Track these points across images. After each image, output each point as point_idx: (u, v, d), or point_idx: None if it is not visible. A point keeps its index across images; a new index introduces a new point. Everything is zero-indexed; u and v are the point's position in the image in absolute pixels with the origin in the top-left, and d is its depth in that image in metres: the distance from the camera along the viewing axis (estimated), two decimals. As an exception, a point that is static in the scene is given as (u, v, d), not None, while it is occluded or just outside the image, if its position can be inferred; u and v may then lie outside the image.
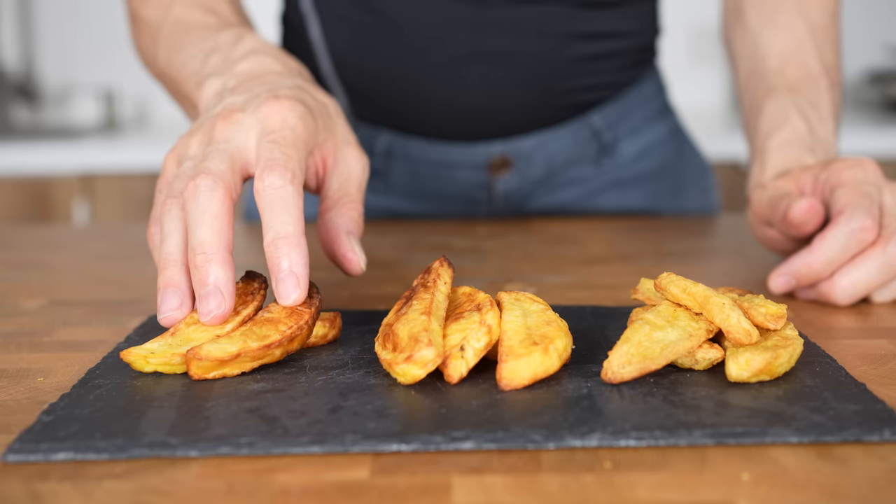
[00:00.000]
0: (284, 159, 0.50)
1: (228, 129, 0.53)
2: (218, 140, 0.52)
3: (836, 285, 0.57)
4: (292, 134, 0.52)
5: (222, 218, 0.48)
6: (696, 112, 2.15)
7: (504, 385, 0.41)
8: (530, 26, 0.83)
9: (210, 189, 0.48)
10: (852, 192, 0.58)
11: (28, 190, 1.91)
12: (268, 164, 0.49)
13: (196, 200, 0.48)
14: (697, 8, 2.33)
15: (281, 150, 0.50)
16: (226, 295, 0.46)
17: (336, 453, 0.36)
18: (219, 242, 0.47)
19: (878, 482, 0.33)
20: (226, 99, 0.57)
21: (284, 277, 0.47)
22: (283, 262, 0.47)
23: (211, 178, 0.49)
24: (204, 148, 0.53)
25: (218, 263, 0.46)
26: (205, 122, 0.54)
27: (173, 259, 0.48)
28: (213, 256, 0.46)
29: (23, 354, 0.50)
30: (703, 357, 0.43)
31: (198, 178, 0.48)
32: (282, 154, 0.50)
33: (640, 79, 0.93)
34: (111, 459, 0.36)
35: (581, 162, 0.91)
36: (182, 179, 0.51)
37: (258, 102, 0.54)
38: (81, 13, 2.37)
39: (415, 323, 0.43)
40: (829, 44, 0.76)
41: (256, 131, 0.52)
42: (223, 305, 0.45)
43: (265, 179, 0.49)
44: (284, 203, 0.48)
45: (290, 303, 0.46)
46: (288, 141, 0.51)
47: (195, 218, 0.47)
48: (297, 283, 0.46)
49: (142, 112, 2.40)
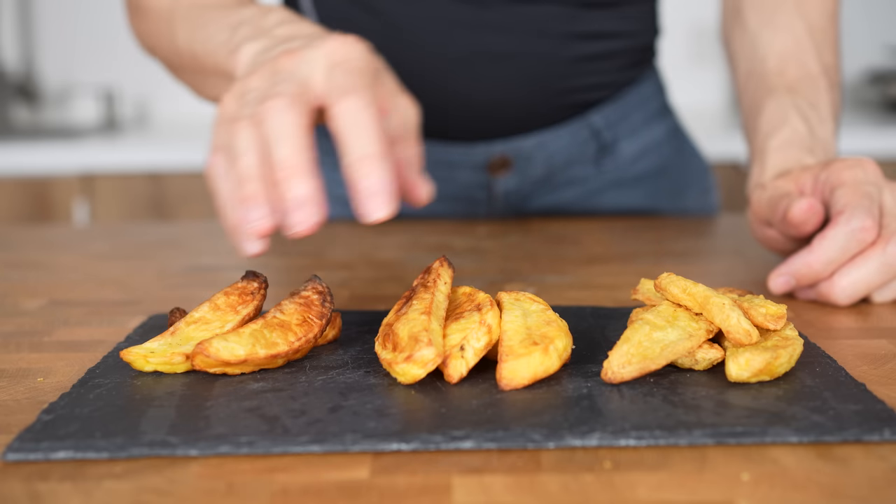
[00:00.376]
0: (361, 85, 0.50)
1: (293, 62, 0.52)
2: (283, 72, 0.52)
3: (835, 285, 0.57)
4: (362, 65, 0.52)
5: (303, 134, 0.48)
6: (696, 112, 2.15)
7: (504, 385, 0.41)
8: (530, 26, 0.83)
9: (288, 107, 0.48)
10: (852, 193, 0.58)
11: (28, 190, 1.91)
12: (344, 89, 0.49)
13: (275, 119, 0.48)
14: (697, 8, 2.33)
15: (355, 78, 0.50)
16: (313, 209, 0.46)
17: (336, 452, 0.36)
18: (303, 156, 0.47)
19: (878, 482, 0.33)
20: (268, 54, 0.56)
21: (370, 195, 0.46)
22: (368, 180, 0.46)
23: (287, 98, 0.49)
24: (268, 81, 0.52)
25: (306, 175, 0.46)
26: (264, 62, 0.54)
27: (252, 174, 0.47)
28: (299, 169, 0.46)
29: (23, 354, 0.50)
30: (703, 357, 0.43)
31: (274, 100, 0.48)
32: (358, 80, 0.50)
33: (640, 79, 0.93)
34: (111, 458, 0.36)
35: (581, 162, 0.91)
36: (250, 105, 0.51)
37: (321, 40, 0.53)
38: (81, 13, 2.37)
39: (415, 323, 0.43)
40: (829, 44, 0.76)
41: (322, 64, 0.52)
42: (315, 214, 0.45)
43: (342, 104, 0.49)
44: (365, 125, 0.48)
45: (377, 218, 0.46)
46: (359, 71, 0.51)
47: (276, 135, 0.47)
48: (385, 199, 0.46)
49: (142, 112, 2.40)
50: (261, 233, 0.46)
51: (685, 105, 1.88)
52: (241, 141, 0.49)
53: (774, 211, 0.62)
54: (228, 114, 0.52)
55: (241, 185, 0.47)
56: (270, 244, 0.82)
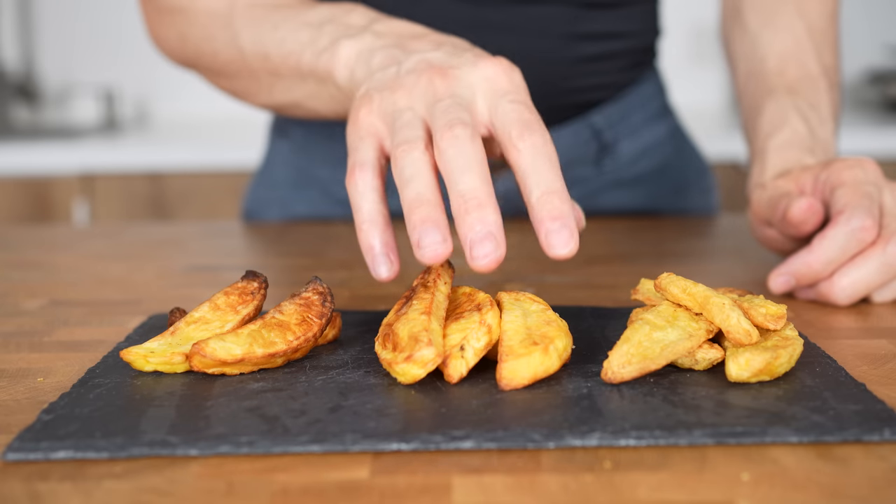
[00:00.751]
0: (538, 120, 0.50)
1: (452, 85, 0.51)
2: (444, 95, 0.51)
3: (835, 285, 0.57)
4: (527, 95, 0.52)
5: (486, 168, 0.47)
6: (696, 112, 2.15)
7: (504, 385, 0.41)
8: (532, 26, 0.83)
9: (471, 138, 0.48)
10: (852, 192, 0.58)
11: (28, 190, 1.91)
12: (525, 125, 0.49)
13: (459, 148, 0.47)
14: (697, 8, 2.33)
15: (530, 111, 0.50)
16: (500, 240, 0.45)
17: (336, 452, 0.36)
18: (489, 189, 0.46)
19: (878, 482, 0.33)
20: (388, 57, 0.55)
21: (557, 229, 0.46)
22: (552, 216, 0.46)
23: (470, 128, 0.48)
24: (425, 101, 0.51)
25: (492, 208, 0.46)
26: (405, 79, 0.53)
27: (427, 199, 0.47)
28: (487, 201, 0.46)
29: (23, 354, 0.50)
30: (703, 357, 0.43)
31: (455, 128, 0.48)
32: (532, 115, 0.50)
33: (641, 79, 0.93)
34: (111, 458, 0.36)
35: (581, 162, 0.91)
36: (411, 128, 0.50)
37: (471, 59, 0.53)
38: (81, 13, 2.37)
39: (415, 323, 0.43)
40: (828, 45, 0.76)
41: (483, 90, 0.52)
42: (499, 250, 0.45)
43: (527, 139, 0.48)
44: (551, 161, 0.48)
45: (564, 254, 0.46)
46: (529, 102, 0.51)
47: (460, 165, 0.47)
48: (570, 234, 0.46)
49: (142, 112, 2.40)
50: (437, 258, 0.45)
51: (685, 105, 1.88)
52: (409, 166, 0.48)
53: (774, 210, 0.62)
54: (374, 129, 0.52)
55: (415, 208, 0.47)
56: (274, 245, 0.82)
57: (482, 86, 0.52)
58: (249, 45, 0.68)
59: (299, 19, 0.64)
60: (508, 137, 0.49)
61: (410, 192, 0.47)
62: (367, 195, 0.51)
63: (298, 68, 0.64)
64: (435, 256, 0.45)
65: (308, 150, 0.93)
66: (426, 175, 0.48)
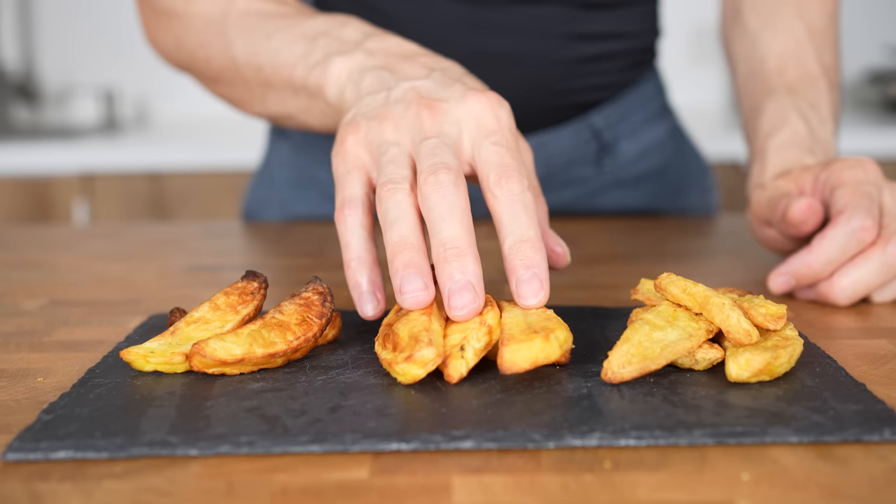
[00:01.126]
0: (518, 165, 0.50)
1: (439, 121, 0.52)
2: (431, 133, 0.51)
3: (835, 285, 0.57)
4: (513, 136, 0.52)
5: (468, 215, 0.47)
6: (696, 112, 2.15)
7: (505, 369, 0.40)
8: (531, 27, 0.83)
9: (454, 185, 0.48)
10: (852, 192, 0.58)
11: (28, 190, 1.91)
12: (504, 170, 0.49)
13: (442, 195, 0.47)
14: (697, 8, 2.33)
15: (511, 155, 0.50)
16: (478, 290, 0.45)
17: (336, 452, 0.36)
18: (470, 238, 0.47)
19: (878, 482, 0.33)
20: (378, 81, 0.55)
21: (528, 279, 0.46)
22: (525, 265, 0.46)
23: (453, 174, 0.48)
24: (411, 136, 0.52)
25: (472, 258, 0.46)
26: (394, 108, 0.53)
27: (410, 243, 0.47)
28: (467, 251, 0.46)
29: (23, 354, 0.50)
30: (703, 357, 0.43)
31: (440, 173, 0.48)
32: (514, 160, 0.50)
33: (641, 79, 0.93)
34: (111, 458, 0.36)
35: (581, 162, 0.91)
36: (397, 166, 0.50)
37: (460, 93, 0.52)
38: (81, 13, 2.37)
39: (415, 323, 0.43)
40: (829, 46, 0.76)
41: (470, 128, 0.52)
42: (477, 301, 0.45)
43: (503, 186, 0.48)
44: (525, 208, 0.48)
45: (533, 304, 0.46)
46: (512, 145, 0.51)
47: (442, 212, 0.47)
48: (541, 284, 0.46)
49: (142, 112, 2.40)
50: (418, 305, 0.45)
51: (685, 105, 1.88)
52: (393, 207, 0.48)
53: (774, 211, 0.62)
54: (360, 161, 0.53)
55: (397, 252, 0.47)
56: (274, 245, 0.82)
57: (469, 123, 0.52)
58: (242, 55, 0.68)
59: (294, 30, 0.64)
60: (487, 181, 0.49)
61: (394, 236, 0.48)
62: (356, 232, 0.51)
63: (291, 81, 0.64)
64: (416, 303, 0.45)
65: (308, 151, 0.93)
66: (410, 218, 0.48)
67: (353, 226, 0.51)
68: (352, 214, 0.51)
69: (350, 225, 0.51)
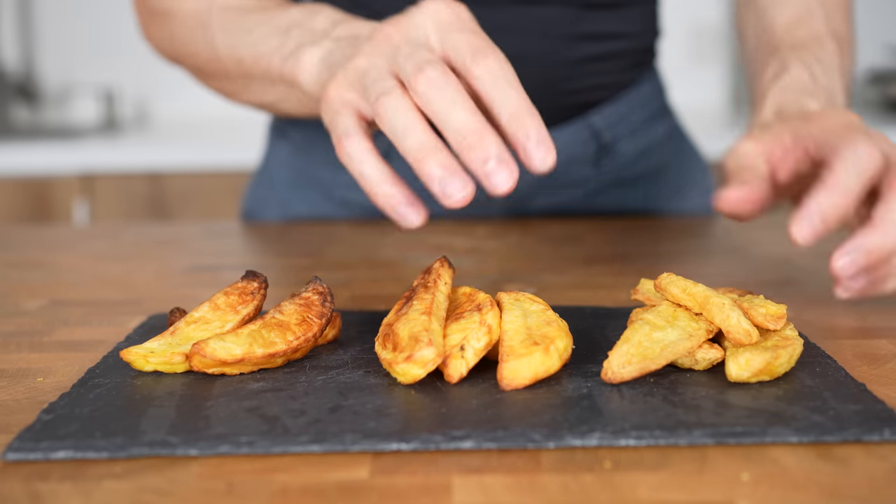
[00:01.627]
0: (489, 44, 0.50)
1: (404, 30, 0.52)
2: (400, 42, 0.52)
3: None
4: (475, 25, 0.52)
5: (469, 98, 0.48)
6: (696, 112, 2.15)
7: (505, 385, 0.41)
8: (532, 27, 0.83)
9: (444, 74, 0.48)
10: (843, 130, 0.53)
11: (28, 190, 1.91)
12: (478, 49, 0.50)
13: (437, 87, 0.48)
14: (697, 8, 2.33)
15: (480, 37, 0.51)
16: (510, 163, 0.46)
17: (336, 452, 0.36)
18: (480, 118, 0.47)
19: (878, 482, 0.33)
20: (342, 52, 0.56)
21: (535, 145, 0.48)
22: (529, 132, 0.48)
23: (439, 65, 0.49)
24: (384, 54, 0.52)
25: (491, 135, 0.47)
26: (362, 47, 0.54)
27: (431, 145, 0.48)
28: (484, 130, 0.47)
29: (23, 354, 0.50)
30: (703, 357, 0.43)
31: (426, 69, 0.49)
32: (484, 41, 0.51)
33: (641, 79, 0.93)
34: (111, 458, 0.36)
35: (581, 162, 0.91)
36: (383, 81, 0.51)
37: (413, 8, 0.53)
38: (81, 13, 2.37)
39: (415, 323, 0.43)
40: (841, 13, 0.74)
41: (433, 26, 0.52)
42: (514, 172, 0.46)
43: (482, 65, 0.49)
44: (510, 81, 0.49)
45: (545, 168, 0.47)
46: (478, 30, 0.52)
47: (445, 103, 0.48)
48: (548, 147, 0.48)
49: (142, 112, 2.40)
50: (467, 201, 0.47)
51: (685, 105, 1.88)
52: (400, 117, 0.49)
53: None
54: (345, 99, 0.53)
55: (423, 158, 0.47)
56: (274, 245, 0.82)
57: (431, 22, 0.52)
58: (224, 49, 0.69)
59: (271, 24, 0.65)
60: (464, 66, 0.50)
61: (412, 143, 0.48)
62: (365, 158, 0.51)
63: (268, 73, 0.65)
64: (464, 201, 0.47)
65: (307, 151, 0.93)
66: (418, 122, 0.49)
67: (359, 153, 0.51)
68: (352, 143, 0.51)
69: (356, 154, 0.51)
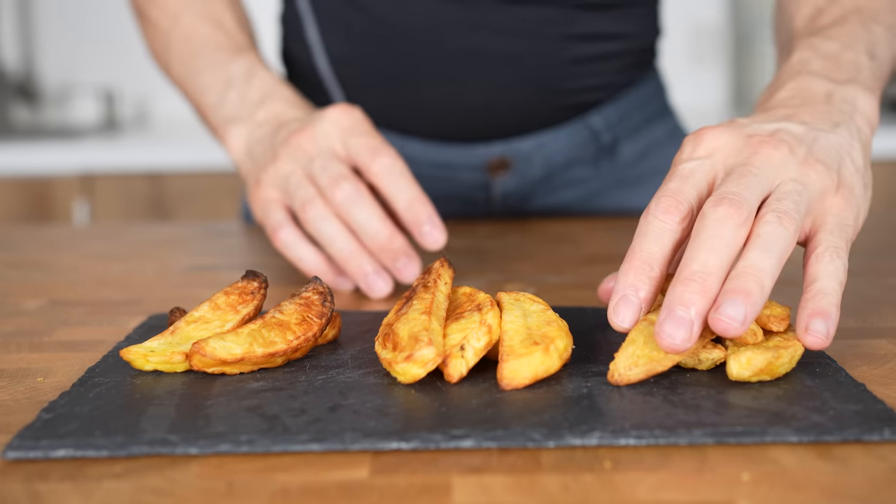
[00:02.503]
0: (381, 142, 0.62)
1: (312, 137, 0.63)
2: (312, 152, 0.62)
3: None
4: (370, 126, 0.63)
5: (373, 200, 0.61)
6: (696, 112, 2.15)
7: (505, 385, 0.41)
8: (526, 28, 0.83)
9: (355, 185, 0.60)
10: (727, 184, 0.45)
11: (28, 190, 1.91)
12: (373, 151, 0.61)
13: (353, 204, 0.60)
14: (697, 8, 2.33)
15: (372, 136, 0.62)
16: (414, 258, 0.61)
17: (336, 451, 0.36)
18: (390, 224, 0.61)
19: (878, 482, 0.33)
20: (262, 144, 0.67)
21: (429, 229, 0.60)
22: (422, 218, 0.61)
23: (351, 179, 0.60)
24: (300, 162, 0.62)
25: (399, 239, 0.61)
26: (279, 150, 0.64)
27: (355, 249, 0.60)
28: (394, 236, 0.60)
29: (23, 354, 0.50)
30: (707, 357, 0.43)
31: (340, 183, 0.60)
32: (376, 139, 0.62)
33: (641, 80, 0.93)
34: (111, 457, 0.36)
35: (580, 163, 0.91)
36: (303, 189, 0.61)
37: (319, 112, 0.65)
38: (81, 13, 2.37)
39: (415, 322, 0.43)
40: None
41: (336, 133, 0.63)
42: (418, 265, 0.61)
43: (378, 162, 0.61)
44: (403, 174, 0.61)
45: (437, 246, 0.61)
46: (372, 130, 0.63)
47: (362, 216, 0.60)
48: (440, 229, 0.61)
49: (142, 112, 2.40)
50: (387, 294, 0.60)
51: (685, 105, 1.88)
52: (321, 225, 0.60)
53: None
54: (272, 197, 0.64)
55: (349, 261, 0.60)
56: (271, 245, 0.82)
57: (334, 129, 0.63)
58: (177, 77, 0.79)
59: (214, 74, 0.74)
60: (364, 165, 0.61)
61: (338, 248, 0.60)
62: (299, 245, 0.63)
63: (207, 121, 0.76)
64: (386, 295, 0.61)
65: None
66: (339, 230, 0.60)
67: (293, 240, 0.62)
68: (286, 233, 0.63)
69: (290, 241, 0.62)
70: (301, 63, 0.89)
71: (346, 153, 0.62)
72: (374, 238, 0.60)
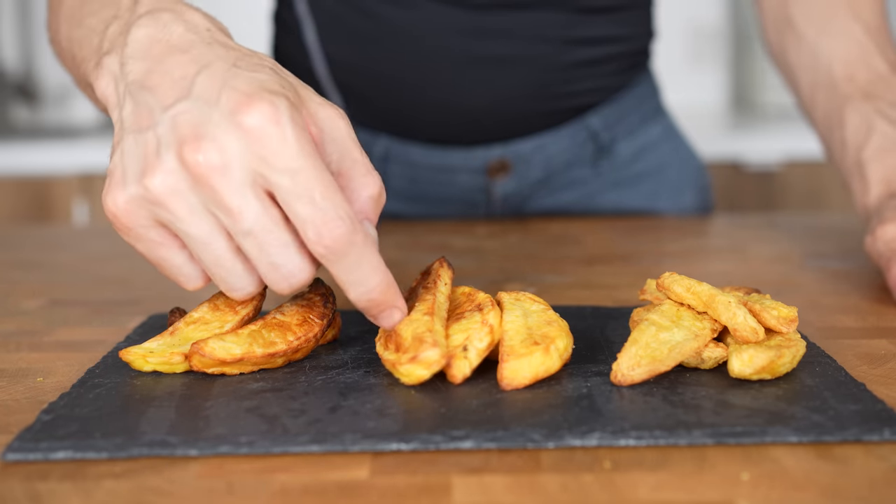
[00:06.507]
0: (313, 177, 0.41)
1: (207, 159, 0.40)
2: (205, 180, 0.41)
3: None
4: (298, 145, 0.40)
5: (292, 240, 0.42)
6: (695, 112, 2.15)
7: (505, 385, 0.41)
8: (526, 32, 0.83)
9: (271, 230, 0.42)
10: None
11: (28, 190, 1.91)
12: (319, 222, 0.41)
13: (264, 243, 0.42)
14: (694, 9, 2.33)
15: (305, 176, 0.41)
16: None
17: (336, 452, 0.36)
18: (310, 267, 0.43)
19: (878, 482, 0.33)
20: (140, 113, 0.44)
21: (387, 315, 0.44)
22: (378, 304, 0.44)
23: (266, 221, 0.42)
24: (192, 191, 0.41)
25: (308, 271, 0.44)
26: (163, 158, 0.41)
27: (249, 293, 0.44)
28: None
29: (23, 354, 0.50)
30: (710, 356, 0.43)
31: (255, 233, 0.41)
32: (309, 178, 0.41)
33: (635, 81, 0.93)
34: (111, 458, 0.36)
35: (579, 164, 0.91)
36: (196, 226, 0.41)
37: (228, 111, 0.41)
38: (81, 13, 2.36)
39: (418, 323, 0.43)
40: (888, 41, 0.74)
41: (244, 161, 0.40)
42: None
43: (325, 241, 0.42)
44: None
45: None
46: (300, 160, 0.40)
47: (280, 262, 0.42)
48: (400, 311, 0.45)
49: (142, 112, 2.39)
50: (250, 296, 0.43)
51: (684, 105, 1.88)
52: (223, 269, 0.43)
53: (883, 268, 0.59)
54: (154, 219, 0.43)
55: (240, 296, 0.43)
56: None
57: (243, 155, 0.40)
58: (65, 43, 0.56)
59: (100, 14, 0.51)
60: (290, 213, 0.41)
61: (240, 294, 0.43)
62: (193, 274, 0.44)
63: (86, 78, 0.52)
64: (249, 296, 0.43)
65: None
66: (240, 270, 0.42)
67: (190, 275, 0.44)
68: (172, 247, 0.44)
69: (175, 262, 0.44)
70: (296, 64, 0.89)
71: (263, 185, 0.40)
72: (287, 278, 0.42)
